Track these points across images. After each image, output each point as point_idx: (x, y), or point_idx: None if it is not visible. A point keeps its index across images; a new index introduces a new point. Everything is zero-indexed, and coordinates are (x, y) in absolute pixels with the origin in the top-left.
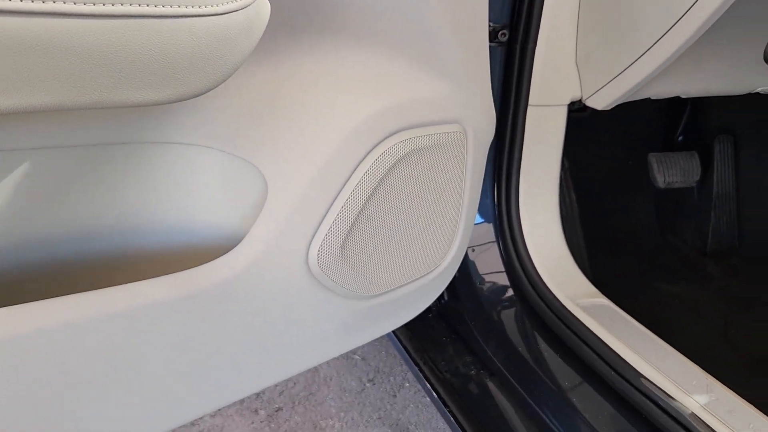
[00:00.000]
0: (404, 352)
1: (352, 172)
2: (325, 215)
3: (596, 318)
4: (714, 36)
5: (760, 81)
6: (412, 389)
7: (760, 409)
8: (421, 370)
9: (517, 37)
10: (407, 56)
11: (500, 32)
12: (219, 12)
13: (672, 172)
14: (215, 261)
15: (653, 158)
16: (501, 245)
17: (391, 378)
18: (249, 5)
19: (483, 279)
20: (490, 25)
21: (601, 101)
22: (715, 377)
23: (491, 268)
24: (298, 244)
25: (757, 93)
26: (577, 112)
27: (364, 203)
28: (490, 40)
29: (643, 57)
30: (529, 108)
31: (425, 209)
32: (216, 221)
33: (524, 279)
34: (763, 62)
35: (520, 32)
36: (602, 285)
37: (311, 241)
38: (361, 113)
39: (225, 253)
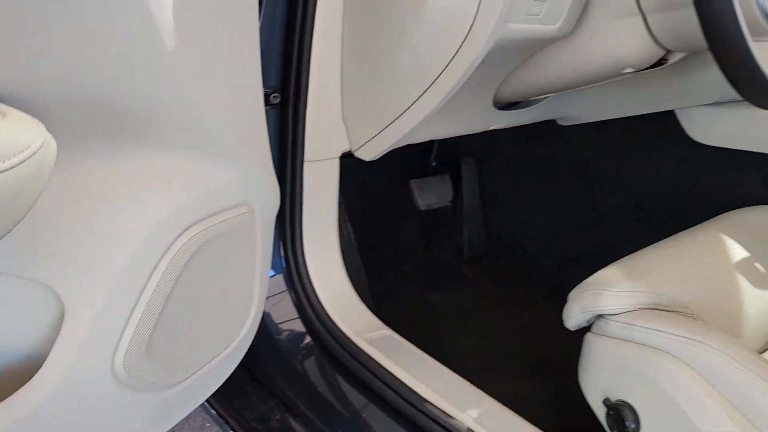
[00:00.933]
0: (206, 404)
1: (150, 276)
2: (127, 322)
3: (382, 350)
4: (458, 92)
5: (493, 121)
6: (213, 429)
7: (519, 403)
8: (226, 421)
9: (288, 99)
10: (191, 151)
11: (272, 95)
12: (6, 168)
13: (430, 195)
14: (15, 395)
15: (413, 185)
16: (292, 293)
17: (191, 421)
18: (36, 152)
19: (279, 328)
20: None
21: (368, 153)
22: (484, 374)
23: (286, 316)
24: (102, 356)
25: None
26: (349, 157)
27: (165, 302)
28: (264, 104)
29: (402, 116)
30: (305, 164)
31: (222, 290)
32: (6, 350)
33: (316, 321)
34: (494, 107)
35: (290, 94)
36: (383, 302)
37: (116, 350)
38: (152, 217)
39: (26, 381)
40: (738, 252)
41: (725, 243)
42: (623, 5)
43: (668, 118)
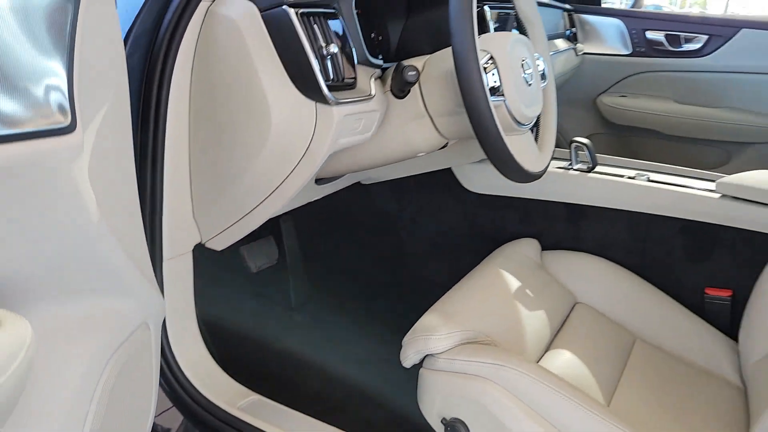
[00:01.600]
0: None
1: (86, 414)
2: None
3: (257, 416)
4: None
5: (314, 194)
6: None
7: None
8: None
9: (145, 205)
10: (100, 294)
11: None
12: (9, 375)
13: (259, 257)
14: None
15: (244, 251)
16: (166, 386)
17: None
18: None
19: (156, 425)
20: None
21: (220, 244)
22: (336, 413)
23: (162, 407)
24: None
25: None
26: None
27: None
28: None
29: (250, 214)
30: (164, 262)
31: (132, 397)
32: None
33: (192, 404)
34: (314, 184)
35: (147, 201)
36: (235, 361)
37: None
38: (76, 372)
39: None
40: (513, 281)
41: (503, 276)
42: (416, 110)
43: (449, 173)
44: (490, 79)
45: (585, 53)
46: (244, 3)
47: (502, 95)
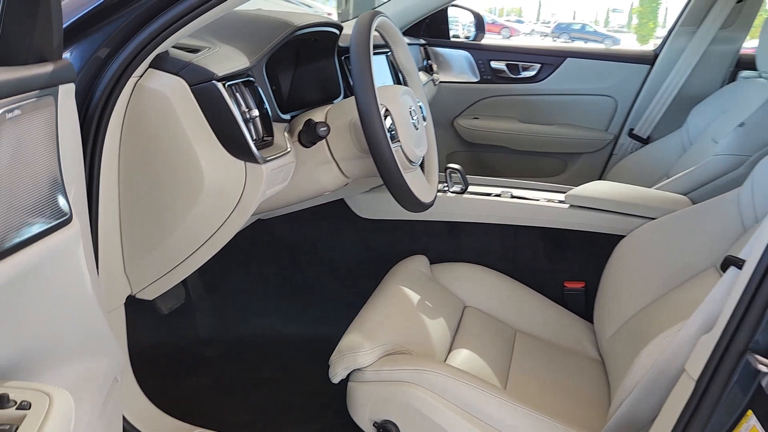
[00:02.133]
0: None
1: None
2: None
3: None
4: None
5: None
6: None
7: None
8: None
9: None
10: (84, 356)
11: None
12: None
13: (168, 298)
14: None
15: None
16: None
17: None
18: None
19: None
20: None
21: (151, 294)
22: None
23: None
24: None
25: None
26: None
27: None
28: None
29: (180, 265)
30: None
31: None
32: None
33: None
34: None
35: None
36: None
37: None
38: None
39: None
40: (413, 295)
41: (404, 291)
42: (323, 157)
43: (341, 203)
44: (387, 126)
45: (441, 82)
46: (172, 78)
47: (398, 140)
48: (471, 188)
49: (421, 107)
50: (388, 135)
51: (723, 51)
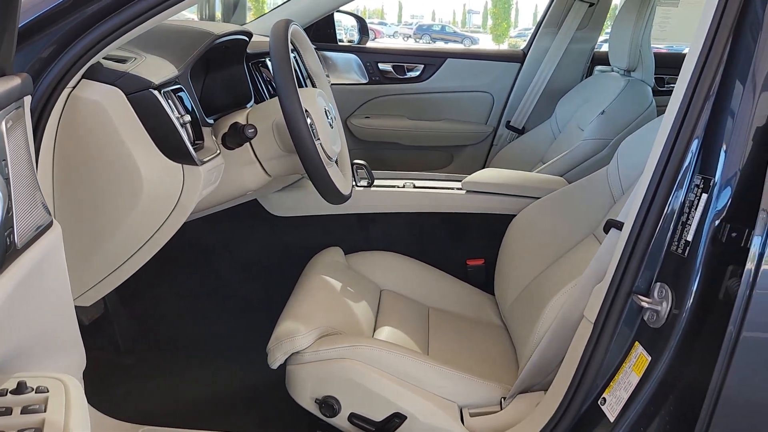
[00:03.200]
0: None
1: None
2: None
3: None
4: None
5: None
6: None
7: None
8: None
9: None
10: (59, 353)
11: None
12: None
13: (89, 309)
14: None
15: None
16: None
17: None
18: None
19: None
20: None
21: (87, 300)
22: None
23: None
24: None
25: None
26: None
27: None
28: None
29: (118, 269)
30: None
31: None
32: None
33: None
34: None
35: None
36: None
37: None
38: None
39: None
40: (335, 283)
41: (325, 280)
42: (247, 158)
43: (255, 202)
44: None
45: (332, 84)
46: (107, 87)
47: (318, 138)
48: (377, 182)
49: (331, 108)
50: (312, 132)
51: (581, 49)
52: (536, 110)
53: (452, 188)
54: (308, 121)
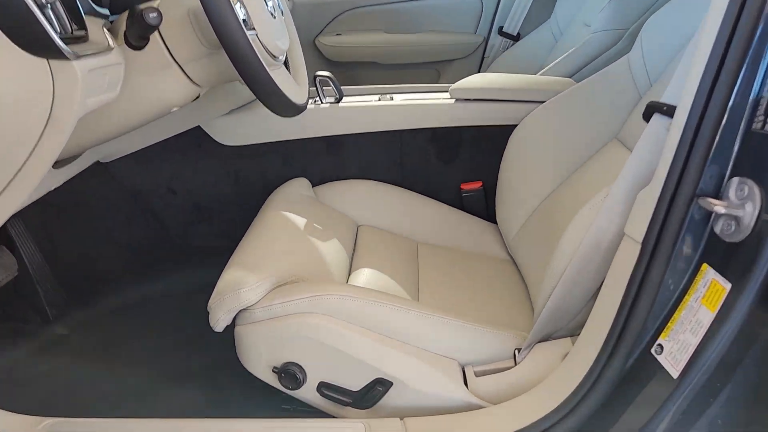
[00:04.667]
0: None
1: None
2: None
3: None
4: None
5: (51, 183)
6: None
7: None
8: None
9: None
10: None
11: None
12: None
13: None
14: None
15: None
16: None
17: None
18: None
19: None
20: None
21: None
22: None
23: None
24: None
25: None
26: None
27: None
28: None
29: None
30: None
31: None
32: None
33: None
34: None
35: None
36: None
37: None
38: None
39: None
40: (299, 220)
41: (287, 217)
42: (161, 60)
43: (199, 131)
44: (239, 12)
45: None
46: None
47: (254, 29)
48: (346, 99)
49: None
50: (240, 18)
51: None
52: (532, 12)
53: (438, 98)
54: (237, 4)
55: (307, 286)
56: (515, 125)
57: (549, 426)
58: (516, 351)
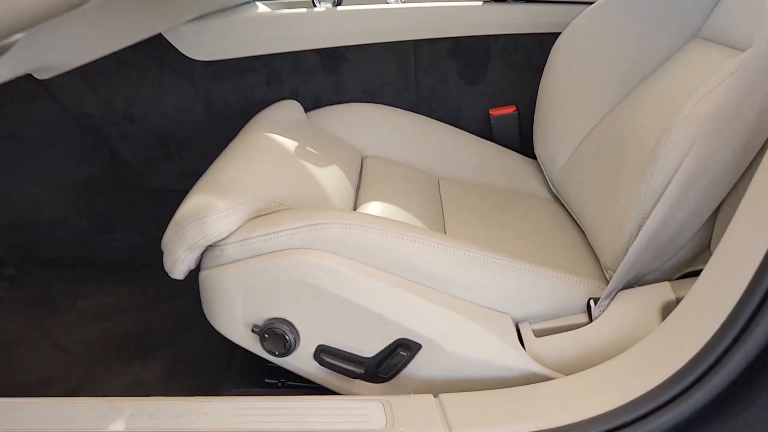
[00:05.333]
0: None
1: None
2: None
3: None
4: None
5: None
6: None
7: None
8: None
9: None
10: None
11: None
12: None
13: None
14: None
15: None
16: None
17: None
18: None
19: None
20: None
21: None
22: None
23: None
24: None
25: None
26: None
27: None
28: None
29: None
30: None
31: None
32: None
33: None
34: None
35: None
36: None
37: None
38: None
39: None
40: (289, 143)
41: (274, 139)
42: None
43: (161, 42)
44: None
45: None
46: None
47: None
48: (346, 0)
49: None
50: None
51: None
52: None
53: (462, 0)
54: None
55: (300, 213)
56: (559, 33)
57: (651, 410)
58: (591, 301)
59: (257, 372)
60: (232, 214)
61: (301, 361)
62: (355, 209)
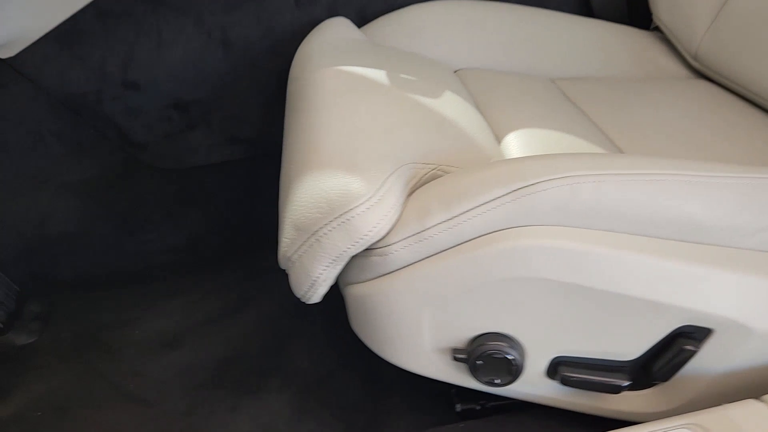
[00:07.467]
0: None
1: None
2: None
3: None
4: None
5: None
6: None
7: None
8: None
9: None
10: None
11: None
12: None
13: None
14: None
15: None
16: None
17: None
18: None
19: None
20: None
21: None
22: None
23: None
24: None
25: None
26: None
27: None
28: None
29: None
30: None
31: None
32: None
33: None
34: None
35: None
36: None
37: None
38: None
39: None
40: (379, 76)
41: (359, 74)
42: None
43: None
44: None
45: None
46: None
47: None
48: None
49: None
50: None
51: None
52: None
53: None
54: None
55: (487, 171)
56: None
57: None
58: None
59: (426, 395)
60: (384, 198)
61: (529, 385)
62: (500, 143)
